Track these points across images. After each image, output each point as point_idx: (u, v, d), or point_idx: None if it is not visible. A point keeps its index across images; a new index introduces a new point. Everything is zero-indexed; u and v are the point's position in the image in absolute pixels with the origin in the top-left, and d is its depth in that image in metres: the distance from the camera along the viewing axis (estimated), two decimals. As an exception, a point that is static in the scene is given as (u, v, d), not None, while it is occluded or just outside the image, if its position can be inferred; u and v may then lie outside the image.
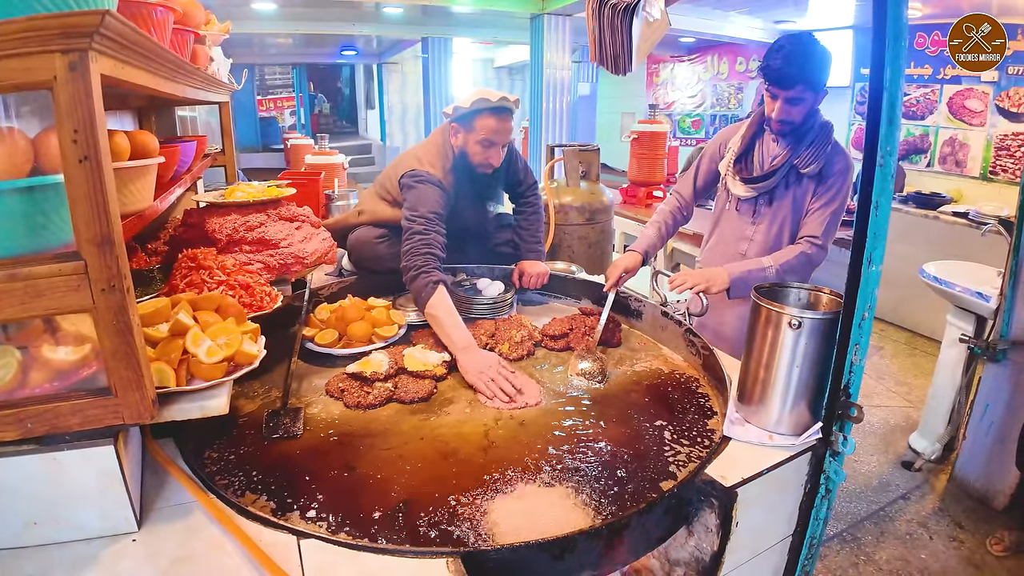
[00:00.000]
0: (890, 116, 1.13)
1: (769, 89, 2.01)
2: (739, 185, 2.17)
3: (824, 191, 2.06)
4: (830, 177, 2.05)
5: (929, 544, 2.73)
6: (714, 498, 1.29)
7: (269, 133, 12.56)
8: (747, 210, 2.20)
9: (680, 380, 1.80)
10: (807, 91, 1.96)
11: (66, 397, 0.99)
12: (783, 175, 2.08)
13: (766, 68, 1.98)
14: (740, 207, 2.21)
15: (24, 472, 1.01)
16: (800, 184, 2.09)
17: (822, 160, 2.03)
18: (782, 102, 1.99)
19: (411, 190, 2.13)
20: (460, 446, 1.44)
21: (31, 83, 0.92)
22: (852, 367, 1.30)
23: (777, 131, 2.09)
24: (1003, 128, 5.47)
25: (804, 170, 2.05)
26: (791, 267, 2.04)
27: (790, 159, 2.06)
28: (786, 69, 1.92)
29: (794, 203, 2.11)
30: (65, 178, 0.93)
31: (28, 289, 0.94)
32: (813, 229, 2.06)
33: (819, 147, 2.04)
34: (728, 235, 2.28)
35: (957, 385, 3.21)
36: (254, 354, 1.24)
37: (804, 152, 2.04)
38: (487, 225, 2.61)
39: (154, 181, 1.56)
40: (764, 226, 2.16)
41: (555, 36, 6.22)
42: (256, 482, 1.28)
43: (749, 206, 2.19)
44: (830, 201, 2.06)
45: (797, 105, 1.98)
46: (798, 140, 2.06)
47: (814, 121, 2.06)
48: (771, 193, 2.12)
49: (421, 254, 1.98)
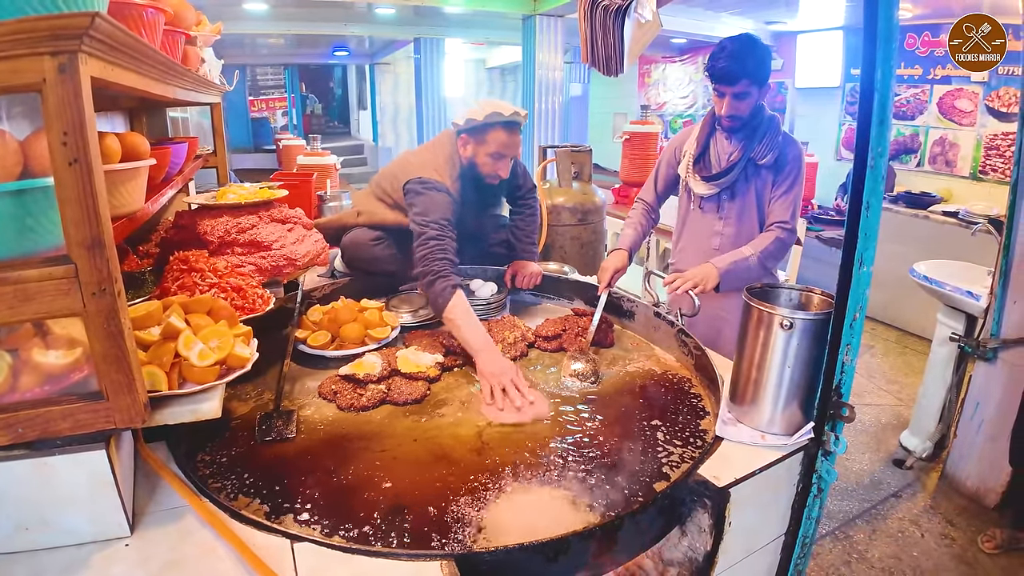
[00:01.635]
0: (881, 117, 1.14)
1: (716, 88, 2.13)
2: (701, 184, 2.27)
3: (783, 179, 2.18)
4: (786, 165, 2.17)
5: (921, 542, 2.75)
6: (707, 498, 1.29)
7: (261, 134, 12.51)
8: (711, 207, 2.30)
9: (673, 380, 1.80)
10: (751, 85, 2.07)
11: (57, 401, 0.99)
12: (741, 168, 2.19)
13: (712, 68, 2.11)
14: (704, 205, 2.32)
15: (15, 477, 1.00)
16: (759, 175, 2.20)
17: (776, 150, 2.15)
18: (730, 98, 2.10)
19: (420, 196, 2.12)
20: (453, 448, 1.44)
21: (20, 85, 0.91)
22: (844, 367, 1.31)
23: (728, 128, 2.21)
24: (993, 128, 5.50)
25: (761, 161, 2.16)
26: (769, 253, 2.15)
27: (745, 153, 2.17)
28: (730, 66, 2.04)
29: (756, 194, 2.22)
30: (55, 181, 0.92)
31: (18, 293, 0.93)
32: (781, 215, 2.17)
33: (771, 138, 2.16)
34: (698, 233, 2.37)
35: (948, 383, 3.23)
36: (246, 357, 1.23)
37: (758, 145, 2.16)
38: (486, 229, 2.63)
39: (145, 183, 1.55)
40: (732, 219, 2.27)
41: (547, 37, 6.22)
42: (249, 485, 1.27)
43: (713, 203, 2.29)
44: (790, 187, 2.18)
45: (744, 100, 2.10)
46: (751, 134, 2.17)
47: (762, 116, 2.19)
48: (732, 188, 2.23)
49: (438, 259, 1.98)
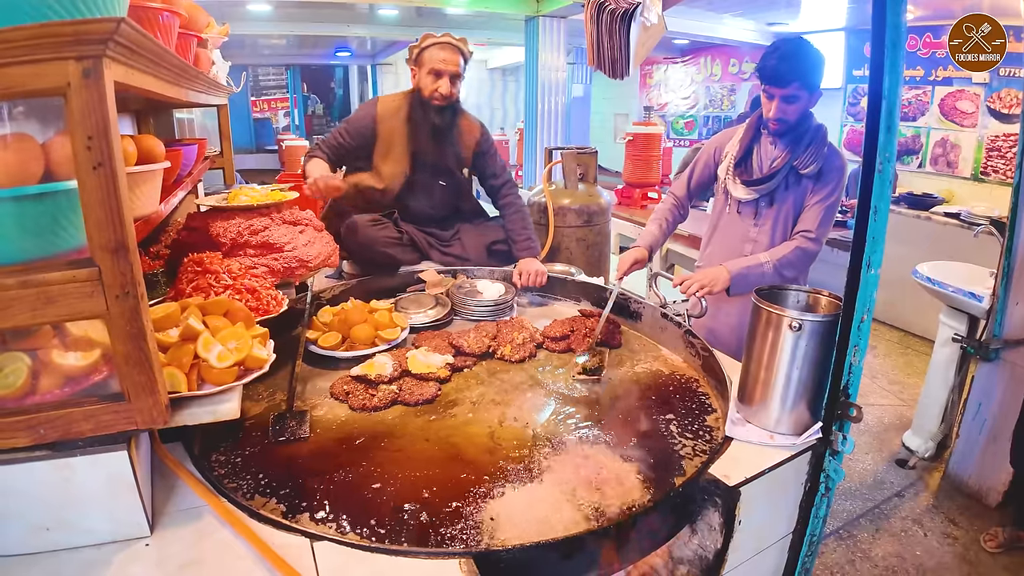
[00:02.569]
0: (888, 123, 1.15)
1: (766, 89, 2.07)
2: (740, 188, 2.21)
3: (820, 187, 2.12)
4: (827, 178, 2.11)
5: (924, 541, 2.76)
6: (718, 497, 1.31)
7: (263, 134, 12.50)
8: (749, 212, 2.24)
9: (681, 381, 1.82)
10: (802, 89, 2.01)
11: (78, 403, 1.00)
12: (783, 176, 2.13)
13: (763, 68, 2.04)
14: (742, 209, 2.25)
15: (36, 478, 1.01)
16: (799, 184, 2.14)
17: (820, 161, 2.09)
18: (779, 101, 2.04)
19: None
20: (466, 447, 1.46)
21: (44, 90, 0.92)
22: (851, 368, 1.33)
23: (774, 131, 2.14)
24: (994, 129, 5.52)
25: (804, 171, 2.10)
26: (788, 262, 2.10)
27: (789, 160, 2.11)
28: (782, 67, 1.99)
29: (794, 203, 2.16)
30: (79, 185, 0.93)
31: (40, 295, 0.94)
32: (807, 224, 2.13)
33: (817, 148, 2.09)
34: (731, 237, 2.31)
35: (950, 384, 3.24)
36: (264, 358, 1.25)
37: (803, 154, 2.09)
38: (454, 193, 2.79)
39: (160, 186, 1.57)
40: (767, 227, 2.20)
41: (550, 38, 6.22)
42: (265, 485, 1.29)
43: (751, 208, 2.23)
44: (826, 197, 2.12)
45: (793, 104, 2.04)
46: (796, 141, 2.11)
47: (809, 123, 2.12)
48: (772, 195, 2.17)
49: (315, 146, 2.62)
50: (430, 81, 2.50)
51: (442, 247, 2.73)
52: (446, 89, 2.50)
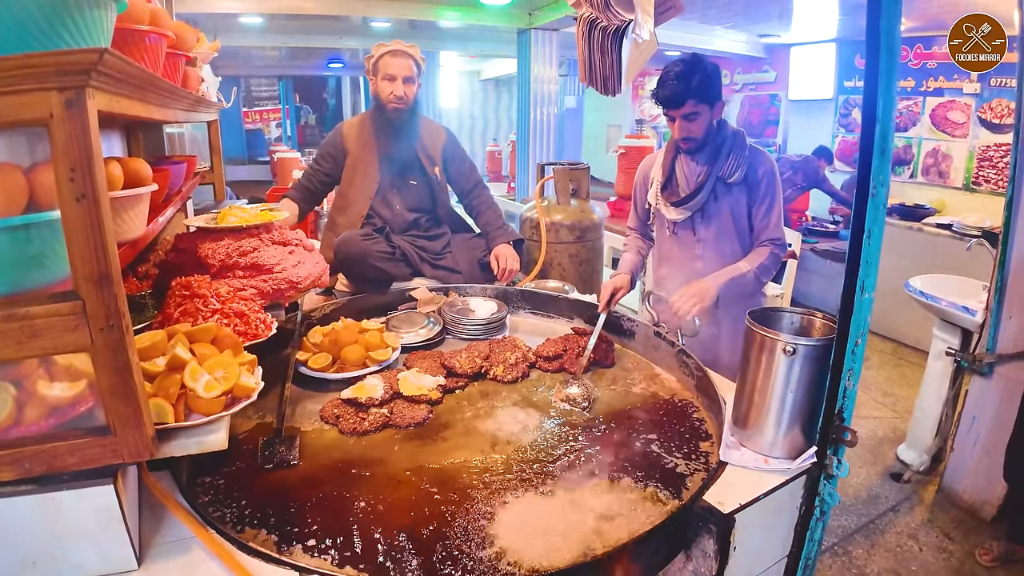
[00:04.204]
0: (882, 147, 1.15)
1: (665, 113, 2.13)
2: (672, 210, 2.26)
3: (761, 197, 2.17)
4: (759, 182, 2.16)
5: (919, 556, 2.75)
6: (712, 524, 1.29)
7: (255, 145, 12.49)
8: (687, 232, 2.28)
9: (675, 402, 1.81)
10: (699, 104, 2.06)
11: (64, 436, 0.98)
12: (710, 189, 2.17)
13: (656, 96, 2.11)
14: (679, 231, 2.30)
15: (22, 512, 0.99)
16: (730, 193, 2.18)
17: (744, 165, 2.14)
18: (680, 120, 2.10)
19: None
20: (459, 473, 1.44)
21: (26, 120, 0.90)
22: (846, 392, 1.32)
23: (687, 150, 2.19)
24: (985, 139, 5.57)
25: (730, 179, 2.14)
26: (765, 267, 2.16)
27: (712, 172, 2.15)
28: (672, 88, 2.04)
29: (730, 212, 2.20)
30: (62, 216, 0.92)
31: (24, 329, 0.92)
32: (772, 233, 2.18)
33: (738, 154, 2.14)
34: (677, 259, 2.35)
35: (944, 397, 3.25)
36: (252, 387, 1.23)
37: (725, 162, 2.14)
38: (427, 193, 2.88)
39: (147, 208, 1.55)
40: (710, 241, 2.25)
41: (542, 50, 6.24)
42: (254, 514, 1.26)
43: (687, 227, 2.27)
44: (771, 203, 2.17)
45: (695, 120, 2.09)
46: (715, 153, 2.16)
47: (725, 132, 2.17)
48: (703, 210, 2.21)
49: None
50: (385, 86, 2.67)
51: (433, 260, 2.74)
52: (399, 91, 2.65)
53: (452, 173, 2.95)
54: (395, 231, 2.77)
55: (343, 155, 2.84)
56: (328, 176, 2.87)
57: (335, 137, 2.87)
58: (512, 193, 7.38)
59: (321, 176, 2.87)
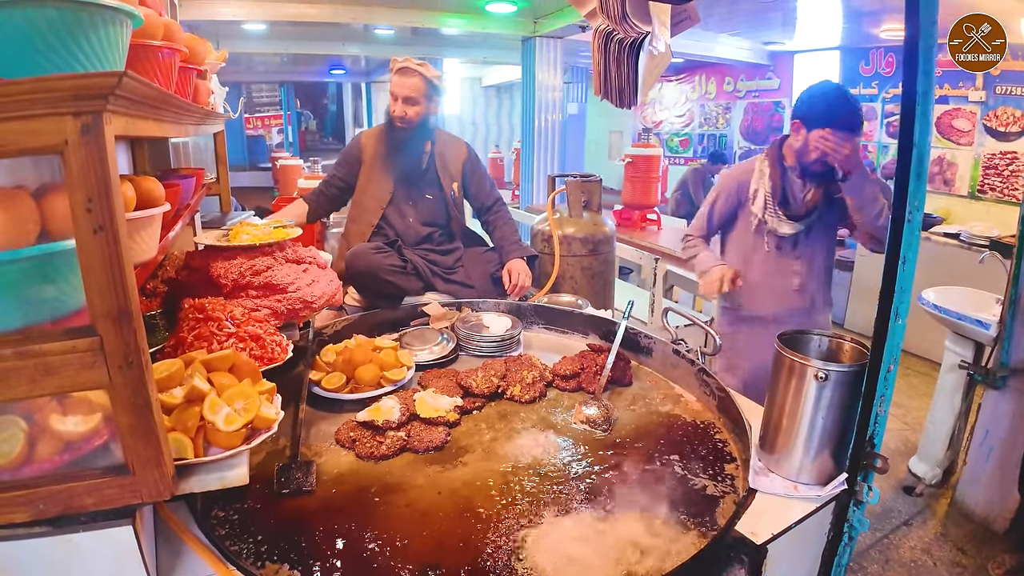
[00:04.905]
0: (919, 171, 1.12)
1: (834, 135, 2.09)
2: (786, 224, 2.29)
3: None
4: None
5: (933, 571, 2.73)
6: (745, 555, 1.26)
7: (257, 151, 12.43)
8: (788, 246, 2.33)
9: (697, 424, 1.76)
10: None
11: (80, 476, 0.94)
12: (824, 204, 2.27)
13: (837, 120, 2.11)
14: (782, 244, 2.34)
15: (38, 555, 0.95)
16: (831, 208, 2.27)
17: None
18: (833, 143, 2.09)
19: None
20: (481, 500, 1.40)
21: (39, 147, 0.86)
22: (877, 418, 1.29)
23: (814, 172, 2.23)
24: (991, 147, 5.55)
25: (840, 194, 2.20)
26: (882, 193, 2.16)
27: (827, 190, 2.23)
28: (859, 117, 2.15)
29: (827, 227, 2.31)
30: (78, 250, 0.88)
31: (39, 367, 0.89)
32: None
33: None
34: (774, 274, 2.38)
35: (956, 410, 3.22)
36: (272, 418, 1.19)
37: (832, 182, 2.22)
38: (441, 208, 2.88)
39: (160, 228, 1.52)
40: (807, 256, 2.32)
41: (547, 57, 6.23)
42: (272, 548, 1.22)
43: (789, 242, 2.32)
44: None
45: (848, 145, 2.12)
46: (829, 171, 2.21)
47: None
48: (811, 224, 2.29)
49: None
50: (391, 103, 2.70)
51: (445, 274, 2.71)
52: (399, 111, 2.66)
53: (472, 190, 2.94)
54: (407, 244, 2.75)
55: (358, 163, 2.85)
56: (343, 182, 2.89)
57: (353, 145, 2.90)
58: (516, 200, 7.36)
59: (337, 182, 2.89)
